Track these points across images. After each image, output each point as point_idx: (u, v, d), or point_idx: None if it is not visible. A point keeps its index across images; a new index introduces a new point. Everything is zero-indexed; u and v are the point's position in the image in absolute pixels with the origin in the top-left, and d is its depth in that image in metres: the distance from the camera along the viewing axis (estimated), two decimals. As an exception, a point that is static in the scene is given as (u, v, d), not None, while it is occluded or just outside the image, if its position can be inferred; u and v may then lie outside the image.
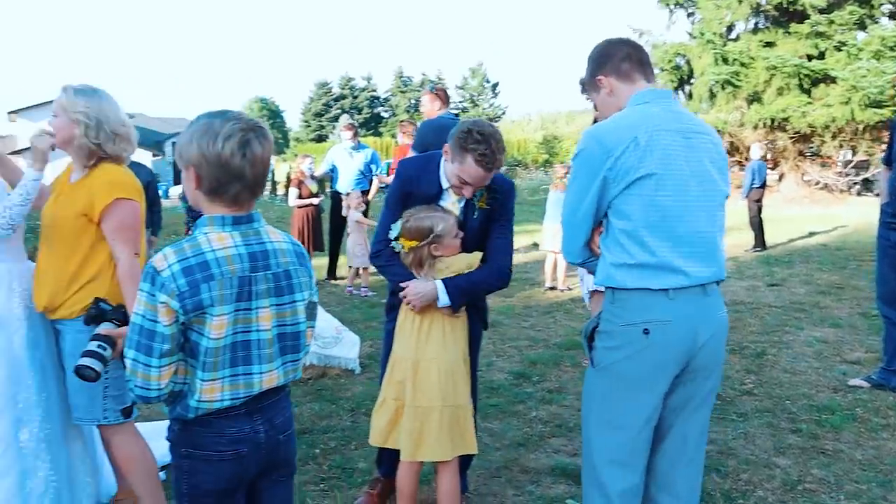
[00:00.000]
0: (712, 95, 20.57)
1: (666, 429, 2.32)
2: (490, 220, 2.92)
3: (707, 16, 21.25)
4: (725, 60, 19.82)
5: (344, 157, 8.54)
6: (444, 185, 2.89)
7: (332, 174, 8.71)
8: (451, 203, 2.91)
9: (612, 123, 2.23)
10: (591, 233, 2.28)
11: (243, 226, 1.86)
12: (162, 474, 3.10)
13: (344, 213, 8.37)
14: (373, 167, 8.66)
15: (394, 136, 58.08)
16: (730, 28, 21.59)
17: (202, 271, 1.76)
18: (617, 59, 2.34)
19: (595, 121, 2.73)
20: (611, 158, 2.14)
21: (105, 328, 2.57)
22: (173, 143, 38.11)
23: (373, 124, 62.52)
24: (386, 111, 65.27)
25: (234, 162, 1.77)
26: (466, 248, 2.90)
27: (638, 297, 2.18)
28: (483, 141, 2.65)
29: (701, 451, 2.40)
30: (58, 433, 2.87)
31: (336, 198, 8.64)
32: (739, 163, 18.87)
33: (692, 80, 21.59)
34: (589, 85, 2.44)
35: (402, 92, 63.24)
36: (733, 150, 19.66)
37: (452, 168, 2.76)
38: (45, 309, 2.76)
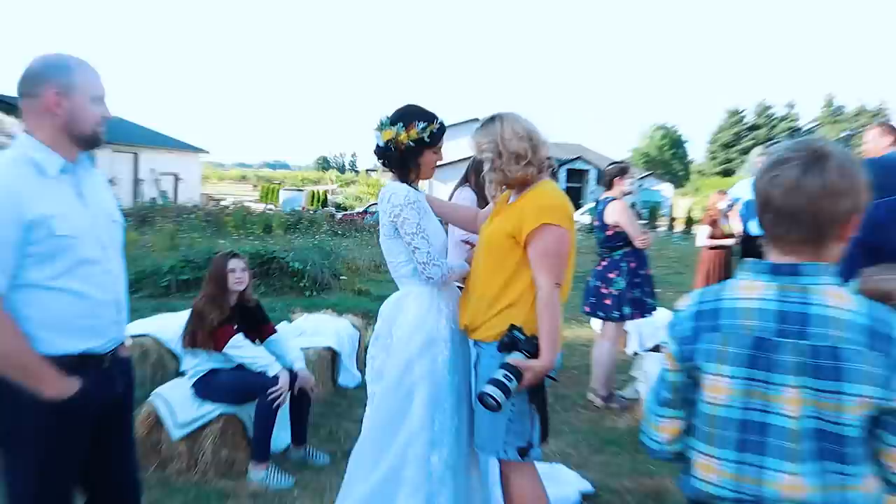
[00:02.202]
0: None
1: None
2: None
3: None
4: None
5: None
6: None
7: (741, 213, 7.94)
8: None
9: None
10: None
11: (785, 277, 1.50)
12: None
13: None
14: None
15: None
16: None
17: (710, 319, 1.56)
18: None
19: None
20: None
21: (514, 358, 2.47)
22: (567, 170, 39.64)
23: (792, 159, 57.58)
24: (809, 144, 59.57)
25: (761, 186, 1.52)
26: None
27: None
28: None
29: None
30: (463, 462, 2.85)
31: (747, 240, 7.84)
32: None
33: None
34: None
35: (832, 123, 56.96)
36: None
37: None
38: (467, 328, 2.77)
